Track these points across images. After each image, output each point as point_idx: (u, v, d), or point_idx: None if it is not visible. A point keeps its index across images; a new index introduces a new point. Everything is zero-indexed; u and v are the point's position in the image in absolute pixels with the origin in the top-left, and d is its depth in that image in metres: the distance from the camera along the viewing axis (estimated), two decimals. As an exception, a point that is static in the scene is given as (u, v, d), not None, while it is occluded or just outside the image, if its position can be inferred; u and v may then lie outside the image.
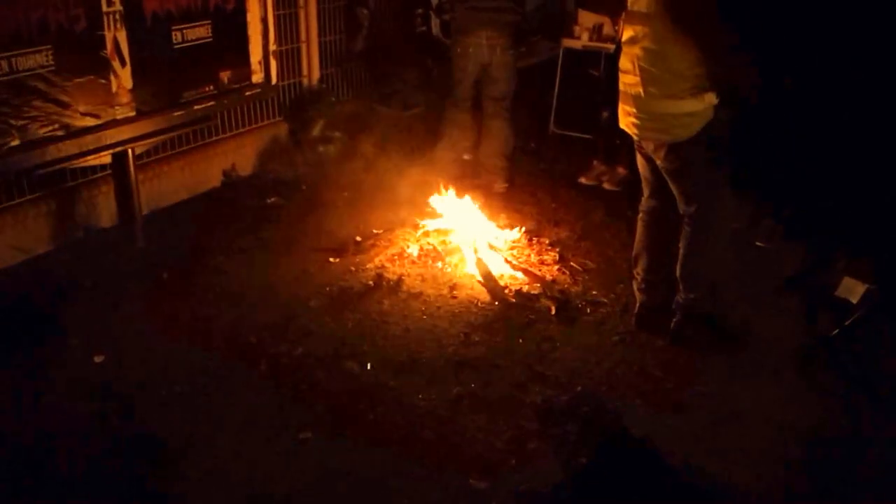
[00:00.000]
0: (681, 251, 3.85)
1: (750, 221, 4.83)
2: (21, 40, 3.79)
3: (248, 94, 5.12)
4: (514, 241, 4.90)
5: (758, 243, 4.83)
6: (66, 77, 4.01)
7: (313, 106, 5.94)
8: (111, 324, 3.94)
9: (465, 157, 6.14)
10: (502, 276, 4.51)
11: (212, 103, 4.82)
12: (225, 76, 4.89)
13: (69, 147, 4.08)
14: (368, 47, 6.60)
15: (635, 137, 3.79)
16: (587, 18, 6.88)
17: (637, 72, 3.61)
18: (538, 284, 4.44)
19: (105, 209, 4.86)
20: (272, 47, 5.18)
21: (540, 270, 4.61)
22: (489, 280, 4.43)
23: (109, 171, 4.67)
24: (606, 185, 6.02)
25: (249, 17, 4.99)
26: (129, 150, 4.43)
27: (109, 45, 4.20)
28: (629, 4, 3.69)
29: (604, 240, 5.08)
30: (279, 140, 6.00)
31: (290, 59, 5.97)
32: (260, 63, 5.13)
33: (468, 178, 5.80)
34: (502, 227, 5.02)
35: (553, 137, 7.13)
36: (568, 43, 6.94)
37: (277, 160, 5.81)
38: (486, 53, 5.52)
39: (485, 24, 5.46)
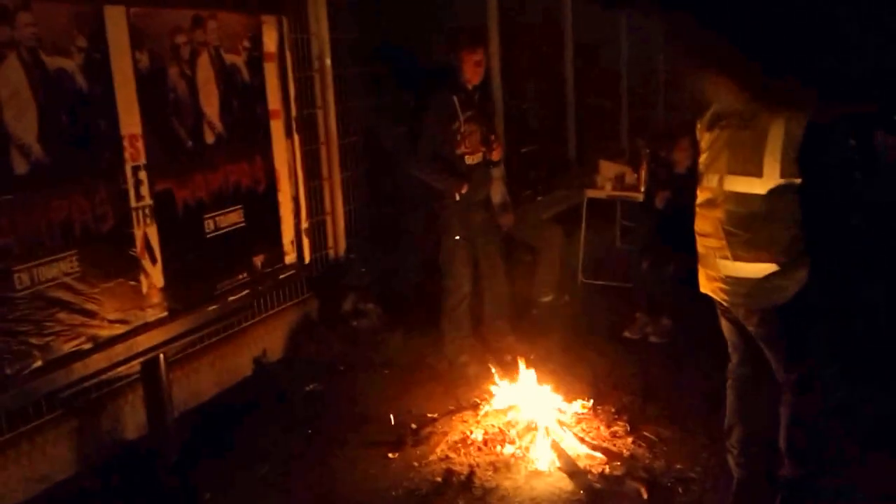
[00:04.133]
0: (783, 422, 3.52)
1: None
2: (43, 248, 3.34)
3: (281, 276, 4.78)
4: (579, 414, 4.54)
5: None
6: (92, 283, 3.57)
7: (342, 279, 5.66)
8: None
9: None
10: (578, 456, 4.12)
11: (247, 291, 4.45)
12: (258, 261, 4.56)
13: (98, 361, 3.60)
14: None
15: (724, 304, 3.52)
16: (608, 168, 6.79)
17: (722, 235, 3.37)
18: (618, 463, 4.06)
19: (132, 419, 4.41)
20: (304, 224, 4.90)
21: (615, 445, 4.24)
22: (567, 464, 4.04)
23: (136, 377, 4.26)
24: (653, 338, 5.74)
25: (281, 196, 4.71)
26: (161, 355, 4.03)
27: (139, 242, 3.83)
28: (701, 168, 3.51)
29: (669, 401, 4.73)
30: (310, 317, 5.68)
31: (315, 232, 5.71)
32: (292, 243, 4.82)
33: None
34: (565, 399, 4.66)
35: (584, 288, 6.89)
36: (592, 193, 6.83)
37: (310, 340, 5.47)
38: None
39: None
